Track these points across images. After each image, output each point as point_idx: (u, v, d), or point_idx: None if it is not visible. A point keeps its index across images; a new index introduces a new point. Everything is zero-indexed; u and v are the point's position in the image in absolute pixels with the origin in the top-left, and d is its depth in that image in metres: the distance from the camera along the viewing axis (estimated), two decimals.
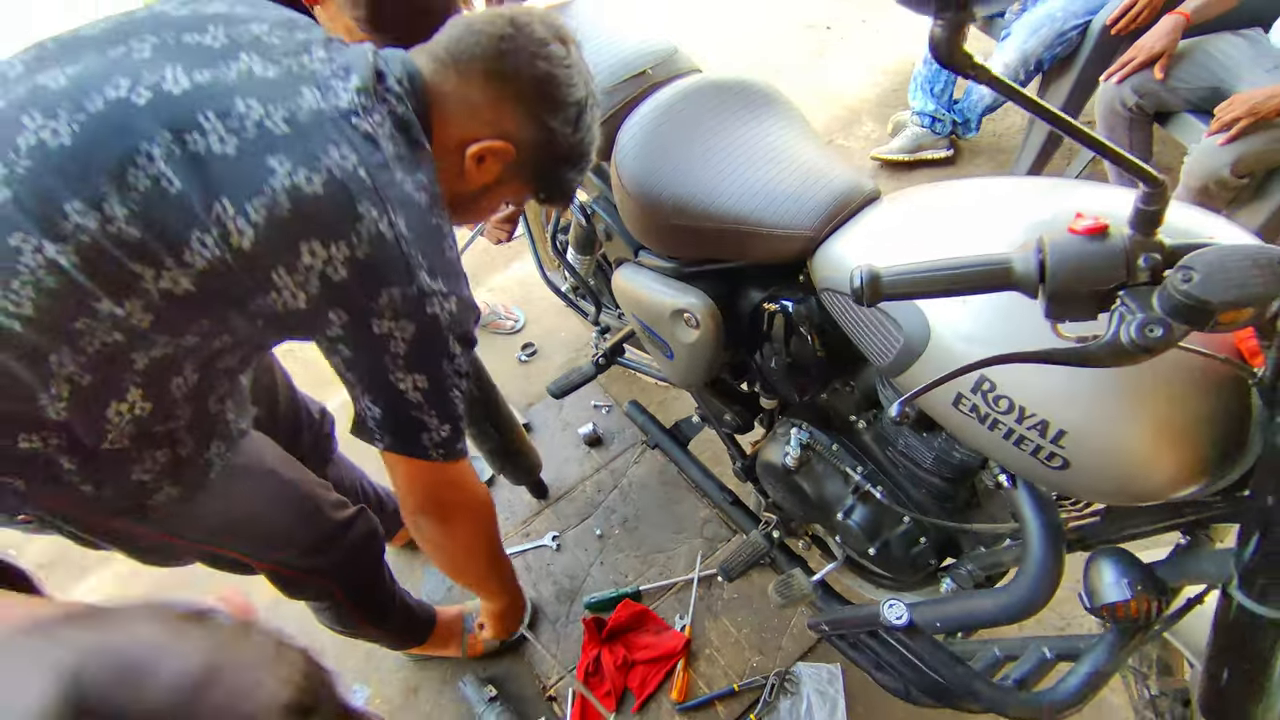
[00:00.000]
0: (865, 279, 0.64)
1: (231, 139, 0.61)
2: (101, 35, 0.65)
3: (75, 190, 0.59)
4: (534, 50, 0.72)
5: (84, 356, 0.63)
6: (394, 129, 0.68)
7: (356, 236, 0.63)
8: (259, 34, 0.67)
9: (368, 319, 0.66)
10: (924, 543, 1.13)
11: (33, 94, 0.61)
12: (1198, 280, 0.52)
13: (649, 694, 1.47)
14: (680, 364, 1.24)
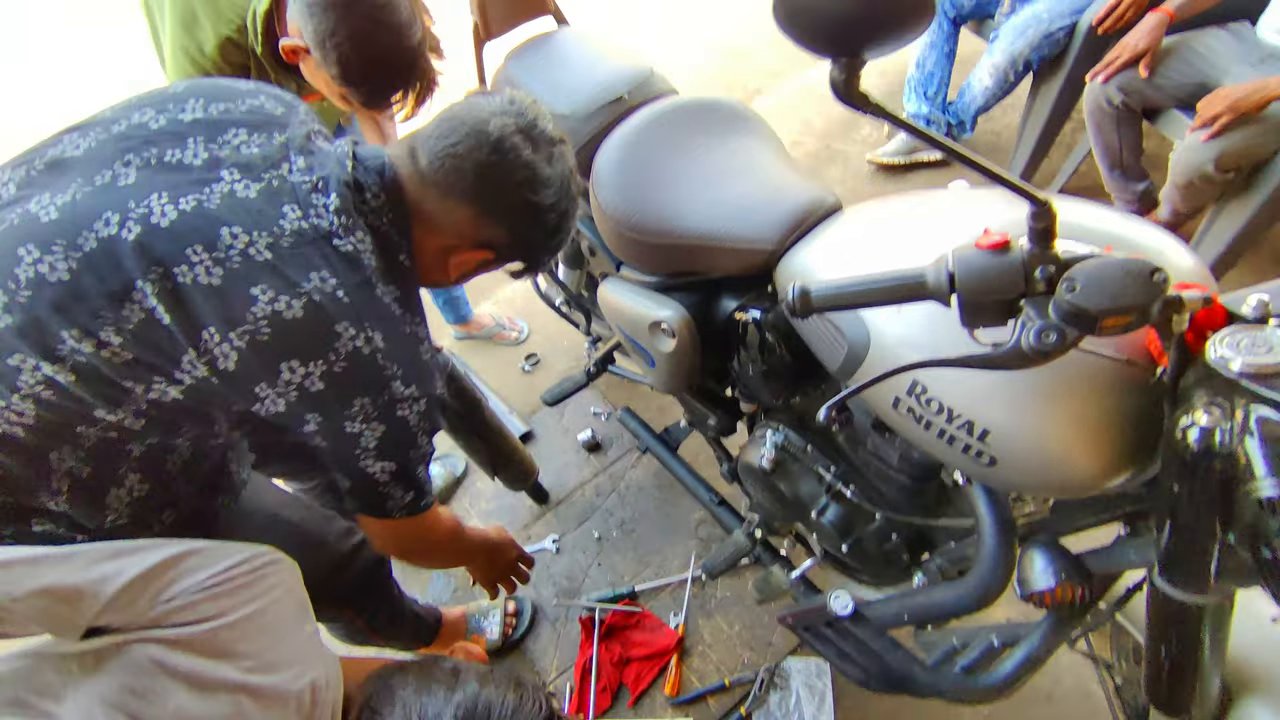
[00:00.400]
0: (797, 294, 0.69)
1: (217, 270, 0.64)
2: (86, 159, 0.68)
3: (72, 321, 0.63)
4: (516, 178, 0.74)
5: (82, 451, 0.69)
6: (374, 246, 0.72)
7: (334, 354, 0.67)
8: (238, 144, 0.70)
9: (341, 421, 0.71)
10: (895, 539, 1.17)
11: (26, 225, 0.64)
12: (1079, 290, 0.57)
13: (643, 689, 1.53)
14: (661, 372, 1.30)
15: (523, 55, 1.36)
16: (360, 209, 0.72)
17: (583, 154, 1.25)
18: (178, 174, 0.67)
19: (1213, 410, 0.60)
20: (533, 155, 0.74)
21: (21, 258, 0.63)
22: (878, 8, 0.52)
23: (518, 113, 0.75)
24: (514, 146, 0.73)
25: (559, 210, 0.79)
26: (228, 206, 0.66)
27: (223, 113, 0.72)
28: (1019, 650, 0.81)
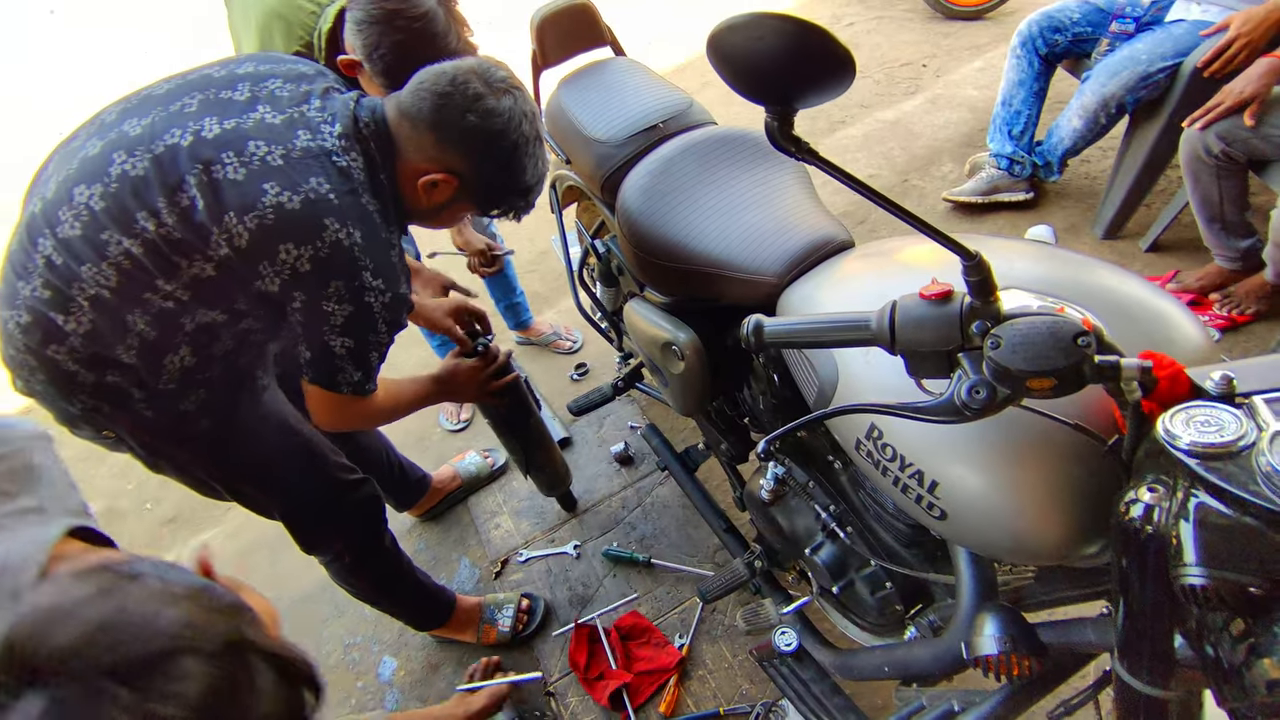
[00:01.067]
0: (751, 328, 0.71)
1: (242, 169, 0.84)
2: (165, 95, 0.91)
3: (143, 204, 0.84)
4: (466, 106, 0.89)
5: (149, 316, 0.89)
6: (365, 165, 0.90)
7: (320, 241, 0.85)
8: (273, 89, 0.91)
9: (319, 300, 0.88)
10: (889, 588, 1.14)
11: (119, 138, 0.87)
12: (1004, 348, 0.56)
13: (640, 703, 1.55)
14: (674, 392, 1.33)
15: (573, 83, 1.45)
16: (356, 137, 0.90)
17: (615, 178, 1.31)
18: (226, 106, 0.88)
19: (1156, 488, 0.57)
20: (483, 89, 0.90)
21: (114, 160, 0.85)
22: (802, 65, 0.54)
23: (479, 64, 0.92)
24: (467, 81, 0.89)
25: (510, 140, 0.92)
26: (257, 128, 0.86)
27: (268, 70, 0.93)
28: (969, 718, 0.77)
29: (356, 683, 1.69)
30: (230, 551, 2.04)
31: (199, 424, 1.02)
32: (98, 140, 0.88)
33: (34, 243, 0.86)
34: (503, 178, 0.96)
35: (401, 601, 1.52)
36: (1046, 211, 2.42)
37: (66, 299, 0.86)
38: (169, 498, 2.26)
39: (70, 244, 0.85)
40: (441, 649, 1.72)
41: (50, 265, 0.85)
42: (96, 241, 0.85)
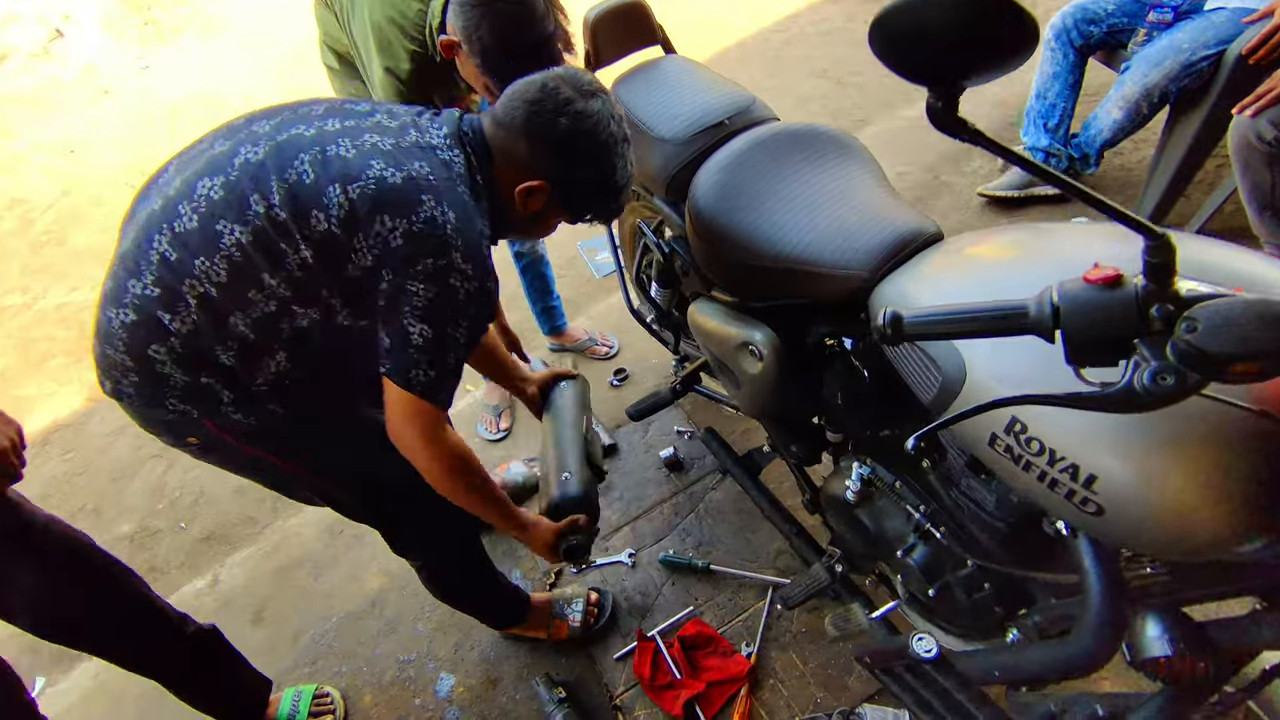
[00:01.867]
0: (888, 320, 0.68)
1: (353, 149, 0.87)
2: (298, 105, 0.97)
3: (256, 188, 0.85)
4: (558, 111, 0.92)
5: (250, 320, 0.89)
6: (465, 167, 0.94)
7: (415, 216, 0.86)
8: (392, 108, 0.98)
9: (405, 279, 0.87)
10: (987, 589, 1.10)
11: (248, 135, 0.91)
12: (1200, 332, 0.53)
13: (713, 715, 1.51)
14: (746, 394, 1.30)
15: (629, 81, 1.42)
16: (459, 141, 0.95)
17: (681, 176, 1.28)
18: (349, 113, 0.93)
19: None
20: (573, 93, 0.92)
21: (239, 152, 0.88)
22: (978, 37, 0.52)
23: (567, 71, 0.96)
24: (557, 88, 0.92)
25: (600, 140, 0.94)
26: (374, 126, 0.92)
27: (393, 107, 0.99)
28: None
29: (414, 700, 1.65)
30: (269, 569, 2.00)
31: (287, 426, 1.01)
32: (226, 141, 0.91)
33: (150, 239, 0.88)
34: (594, 180, 0.98)
35: (485, 602, 1.53)
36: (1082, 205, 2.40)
37: (175, 297, 0.87)
38: (204, 515, 2.22)
39: (186, 237, 0.86)
40: (500, 663, 1.67)
41: (164, 261, 0.87)
42: (211, 232, 0.86)
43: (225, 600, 1.96)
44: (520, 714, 1.59)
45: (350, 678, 1.71)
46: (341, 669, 1.73)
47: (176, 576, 2.08)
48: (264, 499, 2.23)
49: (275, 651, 1.80)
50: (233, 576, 2.02)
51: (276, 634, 1.84)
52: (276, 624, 1.86)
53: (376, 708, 1.65)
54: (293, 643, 1.81)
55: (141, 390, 0.94)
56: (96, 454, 2.46)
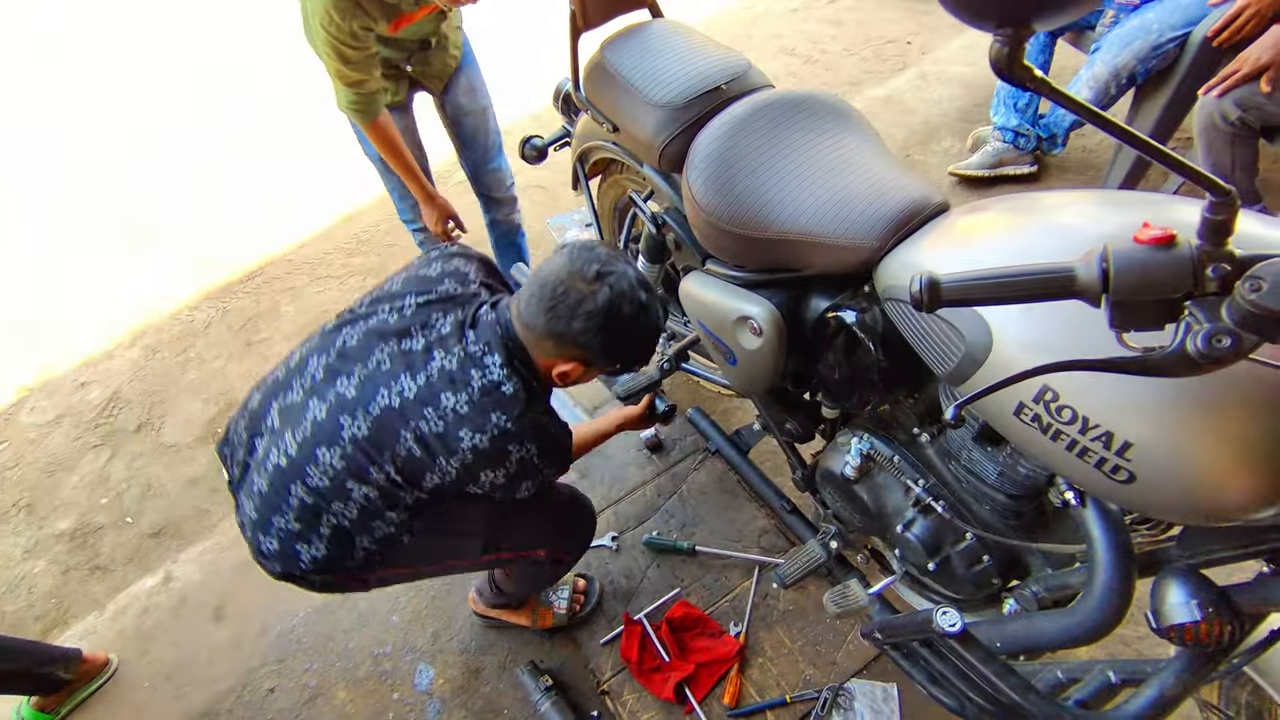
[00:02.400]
0: (924, 285, 0.65)
1: (440, 423, 1.03)
2: (360, 349, 1.09)
3: (372, 461, 1.05)
4: (571, 314, 1.03)
5: (373, 538, 1.12)
6: (521, 382, 1.07)
7: (509, 463, 1.08)
8: (438, 325, 1.09)
9: (513, 491, 1.14)
10: (986, 561, 1.11)
11: (339, 401, 1.06)
12: (1267, 290, 0.52)
13: (703, 696, 1.49)
14: (743, 370, 1.26)
15: (617, 45, 1.36)
16: (507, 358, 1.07)
17: (678, 143, 1.23)
18: (411, 358, 1.07)
19: None
20: (583, 290, 1.03)
21: (343, 424, 1.05)
22: None
23: (573, 262, 1.05)
24: (567, 290, 1.03)
25: (615, 326, 1.04)
26: (441, 378, 1.05)
27: (426, 301, 1.12)
28: (1149, 688, 0.74)
29: (392, 694, 1.58)
30: (229, 564, 1.89)
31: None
32: (319, 401, 1.08)
33: (287, 489, 1.07)
34: (622, 354, 1.11)
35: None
36: (1050, 184, 2.45)
37: (312, 531, 1.09)
38: (152, 508, 2.08)
39: (321, 491, 1.07)
40: (482, 653, 1.62)
41: (303, 505, 1.07)
42: (342, 490, 1.06)
43: (181, 598, 1.84)
44: (505, 704, 1.54)
45: (321, 674, 1.63)
46: (312, 665, 1.64)
47: (124, 575, 1.95)
48: (218, 490, 2.10)
49: (240, 649, 1.71)
50: (188, 573, 1.90)
51: (241, 631, 1.74)
52: (240, 621, 1.76)
53: (352, 703, 1.58)
54: (258, 639, 1.71)
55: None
56: (29, 445, 2.28)
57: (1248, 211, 0.77)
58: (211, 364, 2.46)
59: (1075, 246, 0.76)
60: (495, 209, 2.05)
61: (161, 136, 3.54)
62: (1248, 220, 0.74)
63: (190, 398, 2.36)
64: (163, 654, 1.74)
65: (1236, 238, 0.58)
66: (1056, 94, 0.55)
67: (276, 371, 1.17)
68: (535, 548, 1.35)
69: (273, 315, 2.60)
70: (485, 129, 1.91)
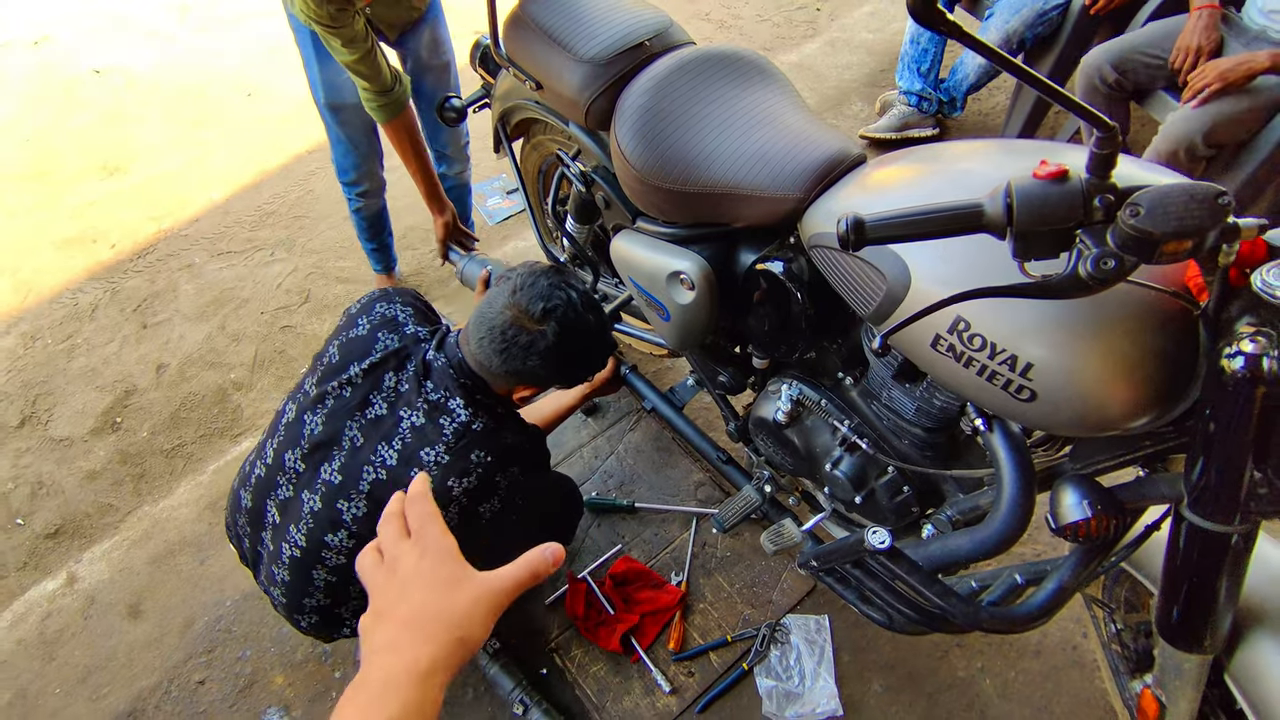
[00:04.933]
0: (850, 225, 0.69)
1: (433, 479, 1.08)
2: (329, 434, 1.13)
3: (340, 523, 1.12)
4: (525, 356, 1.06)
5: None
6: (488, 416, 1.12)
7: (500, 489, 1.15)
8: (395, 386, 1.13)
9: (510, 511, 1.21)
10: (907, 491, 1.20)
11: (330, 490, 1.12)
12: (1144, 214, 0.59)
13: (649, 644, 1.54)
14: (676, 326, 1.29)
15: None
16: (468, 398, 1.11)
17: (604, 99, 1.23)
18: (381, 424, 1.12)
19: (1258, 339, 0.62)
20: (532, 329, 1.06)
21: (342, 509, 1.11)
22: None
23: (520, 307, 1.06)
24: (516, 333, 1.06)
25: (566, 356, 1.09)
26: (415, 437, 1.10)
27: (370, 366, 1.14)
28: (1049, 583, 0.83)
29: (334, 674, 1.55)
30: (142, 559, 1.78)
31: None
32: (310, 493, 1.13)
33: (309, 575, 1.15)
34: (576, 373, 1.18)
35: None
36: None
37: (346, 599, 1.19)
38: (46, 507, 1.93)
39: (342, 569, 1.13)
40: None
41: (329, 584, 1.16)
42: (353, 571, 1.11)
43: (90, 598, 1.72)
44: None
45: (256, 660, 1.57)
46: (245, 652, 1.58)
47: (18, 580, 1.80)
48: (121, 482, 1.97)
49: (163, 644, 1.62)
50: (95, 572, 1.78)
51: (162, 626, 1.65)
52: (160, 615, 1.67)
53: (292, 687, 1.54)
54: (183, 633, 1.63)
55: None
56: None
57: (1125, 157, 0.86)
58: (103, 350, 2.27)
59: (981, 188, 0.82)
60: (448, 166, 2.00)
61: (34, 86, 3.18)
62: (1126, 164, 0.83)
63: (81, 387, 2.18)
64: (73, 658, 1.63)
65: (1117, 175, 0.65)
66: (967, 38, 0.59)
67: (256, 470, 1.20)
68: None
69: (170, 295, 2.42)
70: (447, 85, 1.84)
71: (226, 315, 2.35)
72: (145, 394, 2.16)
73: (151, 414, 2.11)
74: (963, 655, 1.52)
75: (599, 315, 1.14)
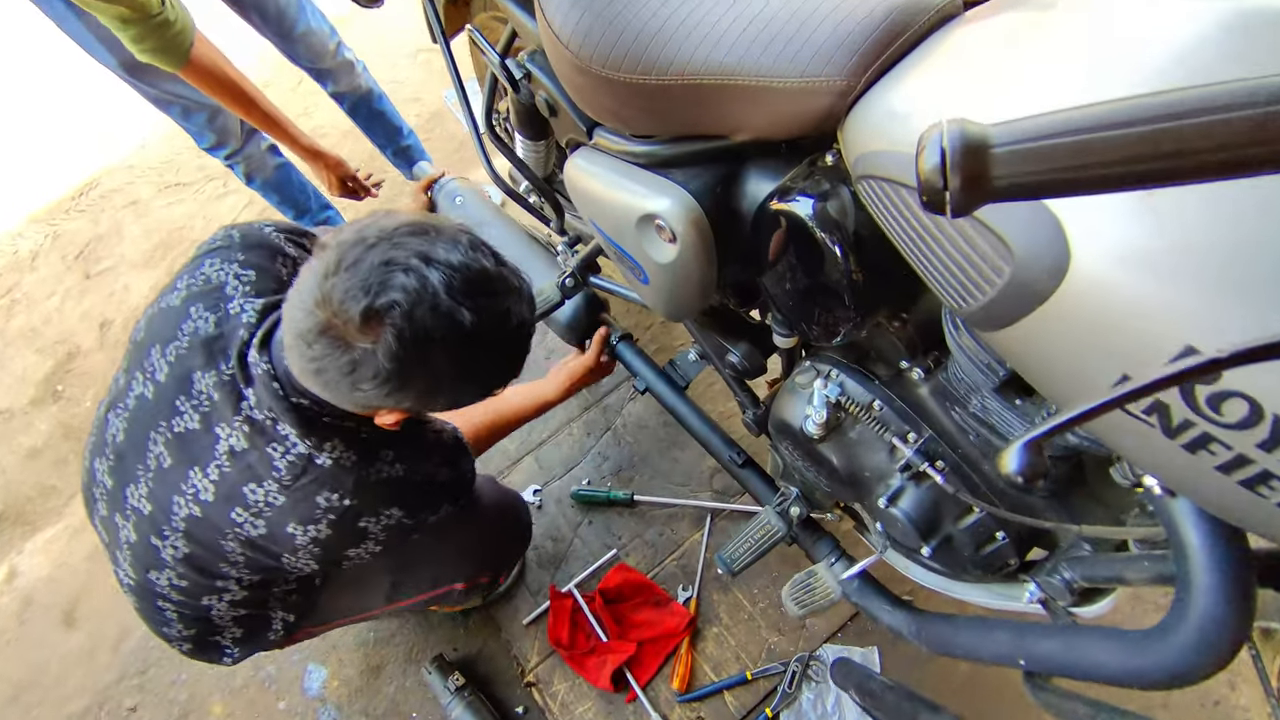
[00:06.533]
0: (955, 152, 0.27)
1: (260, 523, 0.80)
2: (132, 446, 0.83)
3: (216, 575, 0.87)
4: (352, 378, 0.67)
5: (279, 610, 0.97)
6: (340, 444, 0.79)
7: (373, 536, 0.84)
8: (208, 391, 0.79)
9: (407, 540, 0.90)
10: (1001, 539, 0.80)
11: (140, 520, 0.84)
12: None
13: (648, 679, 1.24)
14: (659, 290, 0.88)
15: None
16: (308, 423, 0.78)
17: None
18: (192, 444, 0.80)
19: None
20: (357, 340, 0.65)
21: (156, 545, 0.84)
22: None
23: (332, 302, 0.64)
24: (331, 346, 0.66)
25: (409, 377, 0.68)
26: (236, 467, 0.79)
27: (178, 355, 0.81)
28: None
29: (278, 703, 1.31)
30: (81, 553, 1.57)
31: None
32: (124, 520, 0.86)
33: (156, 607, 0.89)
34: (457, 395, 0.75)
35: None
36: None
37: (213, 631, 0.93)
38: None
39: (187, 606, 0.89)
40: (382, 646, 1.34)
41: (184, 617, 0.90)
42: (203, 607, 0.89)
43: (27, 599, 1.53)
44: (413, 705, 1.28)
45: (192, 685, 1.35)
46: (180, 676, 1.36)
47: None
48: (64, 460, 1.74)
49: (95, 660, 1.42)
50: (34, 567, 1.58)
51: (95, 638, 1.44)
52: (94, 625, 1.46)
53: (230, 718, 1.31)
54: (116, 647, 1.42)
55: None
56: None
57: None
58: (44, 305, 2.01)
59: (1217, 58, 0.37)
60: (330, 81, 1.55)
61: None
62: None
63: (20, 349, 1.93)
64: (8, 669, 1.45)
65: None
66: None
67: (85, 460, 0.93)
68: (449, 582, 1.09)
69: (115, 238, 2.11)
70: None
71: (175, 259, 2.05)
72: (89, 356, 1.90)
73: (95, 379, 1.86)
74: None
75: (489, 295, 0.68)
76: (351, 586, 1.04)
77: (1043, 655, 0.71)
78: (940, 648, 0.88)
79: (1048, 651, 0.71)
